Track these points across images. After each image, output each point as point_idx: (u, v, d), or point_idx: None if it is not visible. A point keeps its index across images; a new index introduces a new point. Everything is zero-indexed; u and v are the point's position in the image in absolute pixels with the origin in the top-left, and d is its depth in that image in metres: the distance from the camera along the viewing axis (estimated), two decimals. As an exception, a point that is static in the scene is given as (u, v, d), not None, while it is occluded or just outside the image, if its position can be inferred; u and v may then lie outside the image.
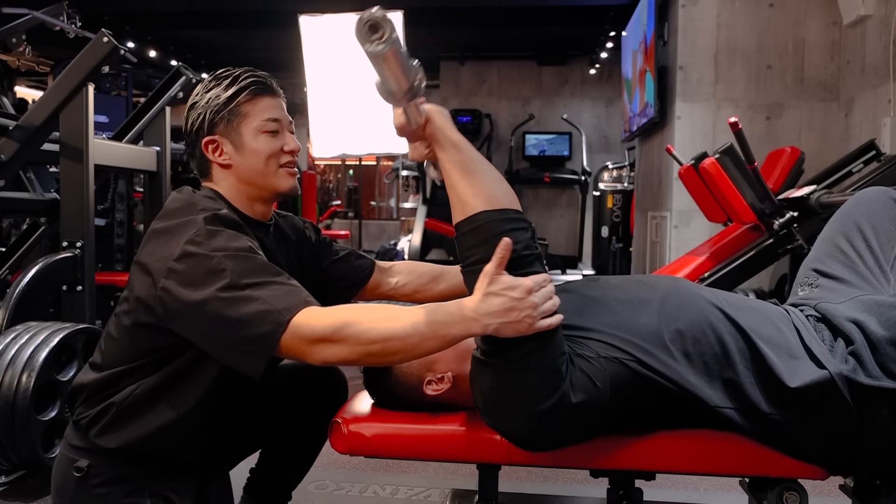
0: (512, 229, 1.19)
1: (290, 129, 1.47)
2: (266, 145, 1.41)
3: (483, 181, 1.23)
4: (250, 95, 1.41)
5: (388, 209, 13.52)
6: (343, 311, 1.18)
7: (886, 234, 1.48)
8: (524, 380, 1.18)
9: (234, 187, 1.42)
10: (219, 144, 1.40)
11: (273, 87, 1.45)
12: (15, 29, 3.78)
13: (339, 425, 1.35)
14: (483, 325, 1.12)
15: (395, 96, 1.16)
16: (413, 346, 1.14)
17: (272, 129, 1.42)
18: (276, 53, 8.34)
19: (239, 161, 1.41)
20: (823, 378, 1.21)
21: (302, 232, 1.63)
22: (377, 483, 2.43)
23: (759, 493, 1.33)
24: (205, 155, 1.41)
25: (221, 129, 1.40)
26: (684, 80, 4.80)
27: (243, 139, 1.40)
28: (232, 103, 1.39)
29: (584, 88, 9.19)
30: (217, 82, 1.42)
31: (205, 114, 1.40)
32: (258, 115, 1.41)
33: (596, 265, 7.85)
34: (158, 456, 1.37)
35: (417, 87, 1.18)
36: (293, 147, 1.44)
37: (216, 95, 1.40)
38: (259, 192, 1.44)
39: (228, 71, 1.44)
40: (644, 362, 1.23)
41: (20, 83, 8.98)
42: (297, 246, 1.59)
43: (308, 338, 1.15)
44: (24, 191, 3.25)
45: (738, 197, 3.10)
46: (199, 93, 1.43)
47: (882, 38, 3.99)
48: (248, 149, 1.40)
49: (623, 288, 1.40)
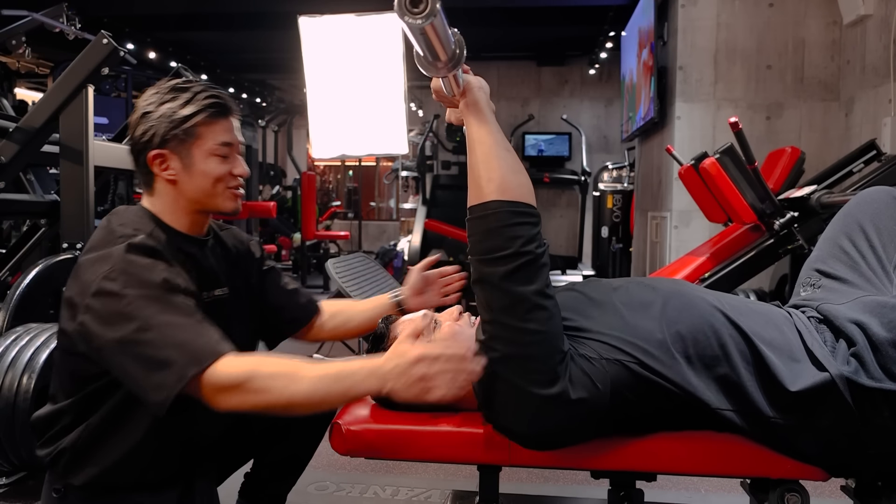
0: (518, 223, 1.20)
1: (240, 150, 1.46)
2: (216, 168, 1.40)
3: (501, 168, 1.23)
4: (208, 118, 1.39)
5: (387, 210, 13.52)
6: (251, 362, 1.21)
7: (889, 234, 1.48)
8: (523, 364, 1.19)
9: (175, 203, 1.42)
10: (166, 159, 1.39)
11: (230, 109, 1.43)
12: (14, 31, 3.77)
13: (339, 427, 1.35)
14: (381, 386, 1.17)
15: (435, 67, 1.15)
16: (317, 403, 1.21)
17: (223, 154, 1.41)
18: (275, 54, 8.35)
19: (185, 179, 1.40)
20: (824, 381, 1.21)
21: (246, 246, 1.63)
22: (377, 484, 2.43)
23: (761, 495, 1.33)
24: (149, 167, 1.40)
25: (172, 146, 1.38)
26: (684, 80, 4.79)
27: (193, 159, 1.39)
28: (187, 123, 1.37)
29: (583, 89, 9.19)
30: (173, 95, 1.39)
31: (158, 127, 1.37)
32: (212, 139, 1.40)
33: (596, 266, 7.85)
34: (128, 483, 1.38)
35: (458, 58, 1.16)
36: (242, 171, 1.44)
37: (171, 111, 1.37)
38: (200, 209, 1.44)
39: (186, 84, 1.41)
40: (645, 364, 1.23)
41: (20, 85, 8.97)
42: (241, 259, 1.60)
43: (213, 386, 1.19)
44: (25, 193, 3.25)
45: (738, 197, 3.10)
46: (152, 102, 1.40)
47: (882, 38, 3.98)
48: (198, 170, 1.40)
49: (625, 290, 1.40)
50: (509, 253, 1.18)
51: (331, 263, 3.05)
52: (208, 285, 1.45)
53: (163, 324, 1.22)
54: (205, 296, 1.44)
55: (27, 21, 3.77)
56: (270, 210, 7.11)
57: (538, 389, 1.18)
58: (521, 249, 1.18)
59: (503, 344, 1.20)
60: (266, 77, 10.53)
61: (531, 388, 1.18)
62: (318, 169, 12.92)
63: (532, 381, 1.18)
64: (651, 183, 5.69)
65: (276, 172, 11.13)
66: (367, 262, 3.42)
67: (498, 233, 1.18)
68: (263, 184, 10.62)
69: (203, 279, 1.44)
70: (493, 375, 1.21)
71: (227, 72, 9.64)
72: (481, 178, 1.22)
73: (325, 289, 7.57)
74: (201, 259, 1.45)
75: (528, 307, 1.18)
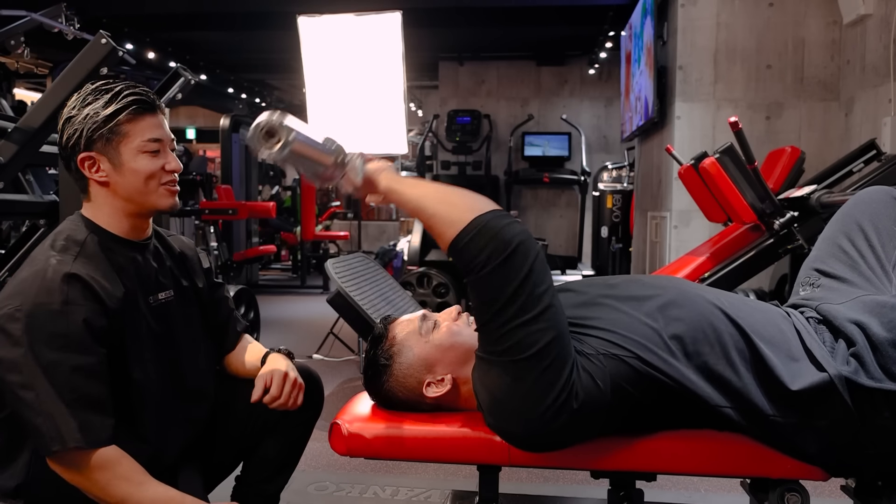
0: (510, 223, 1.20)
1: (172, 146, 1.45)
2: (146, 165, 1.39)
3: (460, 198, 1.25)
4: (131, 115, 1.38)
5: (387, 210, 13.51)
6: (105, 456, 1.27)
7: (888, 233, 1.48)
8: (531, 381, 1.18)
9: (111, 205, 1.41)
10: (96, 161, 1.38)
11: (155, 105, 1.42)
12: (13, 31, 3.76)
13: (339, 426, 1.35)
14: None
15: (324, 177, 1.22)
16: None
17: (153, 150, 1.40)
18: (274, 54, 8.34)
19: (117, 180, 1.39)
20: (823, 381, 1.21)
21: (194, 251, 1.64)
22: (377, 484, 2.43)
23: (761, 494, 1.32)
24: (81, 171, 1.39)
25: (99, 147, 1.37)
26: (684, 80, 4.79)
27: (122, 158, 1.38)
28: (111, 122, 1.37)
29: (583, 89, 9.18)
30: (95, 97, 1.38)
31: (82, 130, 1.37)
32: (139, 135, 1.38)
33: (595, 265, 7.84)
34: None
35: (341, 158, 1.23)
36: (174, 167, 1.43)
37: (94, 111, 1.37)
38: (138, 209, 1.43)
39: (108, 84, 1.40)
40: (644, 359, 1.23)
41: (19, 85, 8.98)
42: (188, 260, 1.60)
43: (63, 467, 1.28)
44: (24, 193, 3.24)
45: (738, 197, 3.09)
46: (75, 106, 1.39)
47: (882, 38, 3.98)
48: (128, 168, 1.39)
49: (623, 287, 1.40)
50: (511, 251, 1.18)
51: (330, 264, 3.04)
52: (152, 289, 1.46)
53: (44, 390, 1.24)
54: (151, 300, 1.44)
55: (26, 21, 3.77)
56: (270, 210, 7.10)
57: (545, 396, 1.17)
58: (519, 242, 1.19)
59: (508, 349, 1.19)
60: (265, 77, 10.52)
61: (538, 394, 1.18)
62: (317, 169, 12.89)
63: (540, 388, 1.18)
64: (651, 183, 5.68)
65: (275, 173, 11.13)
66: (367, 263, 3.42)
67: (500, 237, 1.18)
68: (262, 184, 10.62)
69: (145, 284, 1.44)
70: (495, 381, 1.21)
71: (226, 72, 9.63)
72: (450, 215, 1.22)
73: (325, 289, 7.57)
74: (142, 264, 1.45)
75: (541, 308, 1.18)
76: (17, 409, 1.27)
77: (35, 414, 1.24)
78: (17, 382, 1.25)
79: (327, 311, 3.55)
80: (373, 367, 1.42)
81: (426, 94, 10.79)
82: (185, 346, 1.53)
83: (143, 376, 1.39)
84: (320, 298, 3.57)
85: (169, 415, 1.45)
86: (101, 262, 1.36)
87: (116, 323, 1.34)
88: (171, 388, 1.47)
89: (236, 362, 1.67)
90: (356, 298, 2.79)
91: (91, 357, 1.29)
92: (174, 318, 1.50)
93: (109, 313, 1.32)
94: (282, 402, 1.51)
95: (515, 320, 1.17)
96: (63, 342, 1.26)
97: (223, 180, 7.92)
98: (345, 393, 3.67)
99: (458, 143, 8.79)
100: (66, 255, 1.34)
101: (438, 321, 1.42)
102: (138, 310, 1.40)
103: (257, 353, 1.66)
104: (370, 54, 4.05)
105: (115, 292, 1.35)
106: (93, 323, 1.29)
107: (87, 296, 1.30)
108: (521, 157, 8.99)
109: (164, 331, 1.47)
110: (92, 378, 1.28)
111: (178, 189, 1.47)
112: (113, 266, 1.38)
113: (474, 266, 1.19)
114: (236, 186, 7.90)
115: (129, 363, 1.37)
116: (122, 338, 1.36)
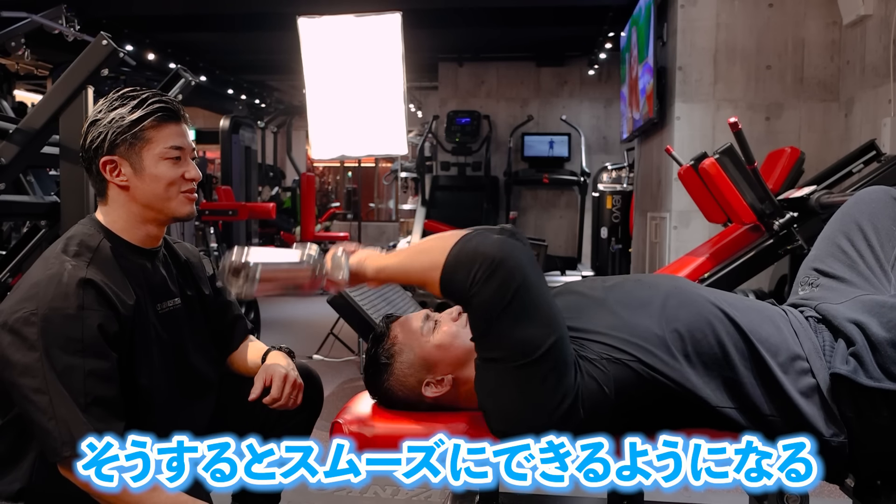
0: (482, 240, 1.23)
1: (192, 155, 1.47)
2: (167, 172, 1.41)
3: (433, 243, 1.31)
4: (156, 121, 1.40)
5: (386, 211, 13.53)
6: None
7: (887, 233, 1.48)
8: (535, 386, 1.18)
9: (128, 210, 1.43)
10: (117, 165, 1.40)
11: (179, 114, 1.44)
12: (13, 33, 3.77)
13: (340, 426, 1.35)
14: None
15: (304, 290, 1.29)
16: None
17: (174, 157, 1.42)
18: (274, 56, 8.35)
19: (137, 184, 1.41)
20: (823, 380, 1.21)
21: (198, 258, 1.65)
22: (377, 484, 2.43)
23: (761, 494, 1.33)
24: (102, 174, 1.41)
25: (122, 151, 1.39)
26: (683, 80, 4.79)
27: (144, 163, 1.40)
28: (136, 127, 1.38)
29: (583, 89, 9.18)
30: (122, 102, 1.40)
31: (107, 133, 1.38)
32: (162, 142, 1.40)
33: (595, 266, 7.85)
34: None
35: (319, 265, 1.30)
36: (194, 175, 1.45)
37: (120, 116, 1.39)
38: (155, 216, 1.44)
39: (135, 91, 1.42)
40: (645, 362, 1.23)
41: (19, 87, 8.97)
42: (193, 267, 1.61)
43: (75, 473, 1.22)
44: (25, 194, 3.24)
45: (737, 197, 3.10)
46: (101, 110, 1.41)
47: (882, 38, 3.99)
48: (149, 174, 1.40)
49: (622, 288, 1.40)
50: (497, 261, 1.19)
51: (330, 264, 3.04)
52: (160, 297, 1.47)
53: (58, 394, 1.24)
54: (159, 308, 1.45)
55: (26, 23, 3.77)
56: (270, 211, 7.11)
57: (550, 401, 1.18)
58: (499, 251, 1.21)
59: (510, 355, 1.19)
60: (265, 78, 10.52)
61: (543, 400, 1.18)
62: (317, 170, 12.93)
63: (545, 394, 1.18)
64: (650, 183, 5.69)
65: (275, 173, 11.15)
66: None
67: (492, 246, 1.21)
68: (263, 185, 10.63)
69: (154, 291, 1.45)
70: (499, 389, 1.22)
71: (226, 73, 9.63)
72: (432, 254, 1.26)
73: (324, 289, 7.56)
74: (152, 271, 1.46)
75: (539, 311, 1.18)
76: (29, 412, 1.26)
77: (48, 418, 1.24)
78: (30, 386, 1.25)
79: (327, 312, 3.55)
80: (373, 365, 1.43)
81: (426, 94, 10.80)
82: (192, 353, 1.54)
83: (149, 382, 1.40)
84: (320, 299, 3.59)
85: (174, 421, 1.45)
86: (113, 268, 1.37)
87: (127, 329, 1.35)
88: (177, 394, 1.48)
89: (239, 361, 1.68)
90: (356, 299, 2.79)
91: (106, 362, 1.29)
92: (181, 325, 1.51)
93: (121, 319, 1.34)
94: (281, 402, 1.51)
95: (514, 326, 1.18)
96: (78, 347, 1.27)
97: (223, 181, 7.92)
98: (345, 393, 3.67)
99: (458, 143, 8.79)
100: (80, 260, 1.35)
101: (439, 321, 1.43)
102: (147, 317, 1.42)
103: (258, 351, 1.67)
104: (370, 55, 4.06)
105: (127, 299, 1.36)
106: (107, 328, 1.30)
107: (101, 301, 1.31)
108: (520, 158, 8.99)
109: (172, 338, 1.48)
110: (106, 383, 1.29)
111: (196, 197, 1.48)
112: (124, 273, 1.39)
113: (468, 293, 1.21)
114: (236, 187, 7.90)
115: (137, 369, 1.38)
116: (132, 344, 1.37)
